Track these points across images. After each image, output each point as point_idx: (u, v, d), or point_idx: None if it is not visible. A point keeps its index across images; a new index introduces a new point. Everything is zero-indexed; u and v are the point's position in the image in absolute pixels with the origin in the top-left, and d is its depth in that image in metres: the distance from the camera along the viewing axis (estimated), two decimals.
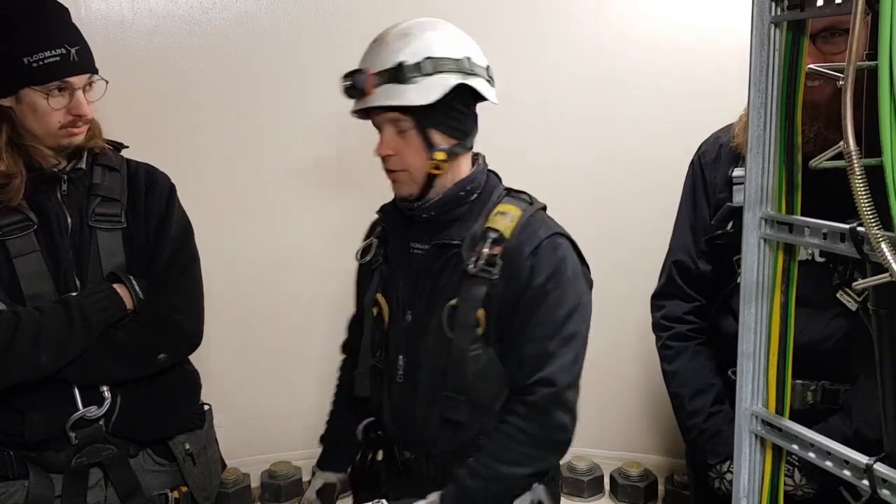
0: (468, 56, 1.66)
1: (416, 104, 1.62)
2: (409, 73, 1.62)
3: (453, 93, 1.63)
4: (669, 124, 2.58)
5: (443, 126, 1.68)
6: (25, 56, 1.69)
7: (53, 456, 1.79)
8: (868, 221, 0.87)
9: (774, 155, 1.10)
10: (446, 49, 1.65)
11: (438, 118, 1.67)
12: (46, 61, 1.70)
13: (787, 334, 1.17)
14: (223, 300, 2.52)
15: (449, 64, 1.63)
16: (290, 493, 2.65)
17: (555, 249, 1.68)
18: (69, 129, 1.77)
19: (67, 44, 1.74)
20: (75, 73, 1.75)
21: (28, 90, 1.72)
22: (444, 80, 1.62)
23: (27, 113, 1.74)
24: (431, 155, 1.68)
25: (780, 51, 1.07)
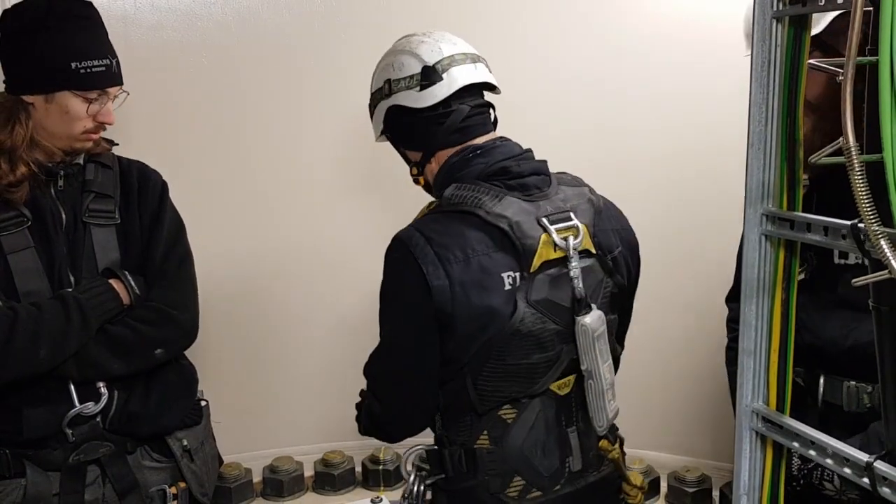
0: (389, 79, 1.79)
1: (377, 134, 1.88)
2: (370, 110, 1.87)
3: (394, 115, 1.79)
4: (674, 121, 2.57)
5: (404, 142, 1.85)
6: (73, 61, 1.74)
7: (50, 453, 1.79)
8: (867, 218, 0.86)
9: (776, 151, 1.09)
10: (377, 81, 1.83)
11: (398, 137, 1.85)
12: (93, 70, 1.77)
13: (788, 331, 1.17)
14: (223, 296, 2.52)
15: (376, 97, 1.83)
16: (292, 489, 2.65)
17: (389, 247, 1.69)
18: (89, 135, 1.82)
19: (110, 55, 1.82)
20: (115, 83, 1.83)
21: (66, 93, 1.76)
22: (379, 110, 1.82)
23: (55, 114, 1.78)
24: (411, 171, 1.85)
25: (781, 46, 1.06)
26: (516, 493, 1.69)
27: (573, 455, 1.73)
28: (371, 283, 2.45)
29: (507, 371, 1.64)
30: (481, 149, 1.73)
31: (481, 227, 1.62)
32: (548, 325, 1.64)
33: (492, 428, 1.68)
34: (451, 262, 1.59)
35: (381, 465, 2.68)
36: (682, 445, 2.73)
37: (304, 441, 2.77)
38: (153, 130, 2.34)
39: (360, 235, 2.70)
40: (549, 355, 1.66)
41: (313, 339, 2.74)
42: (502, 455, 1.68)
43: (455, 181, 1.69)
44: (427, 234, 1.62)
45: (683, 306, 2.67)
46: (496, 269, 1.61)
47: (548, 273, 1.64)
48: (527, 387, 1.67)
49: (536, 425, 1.69)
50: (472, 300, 1.59)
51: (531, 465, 1.69)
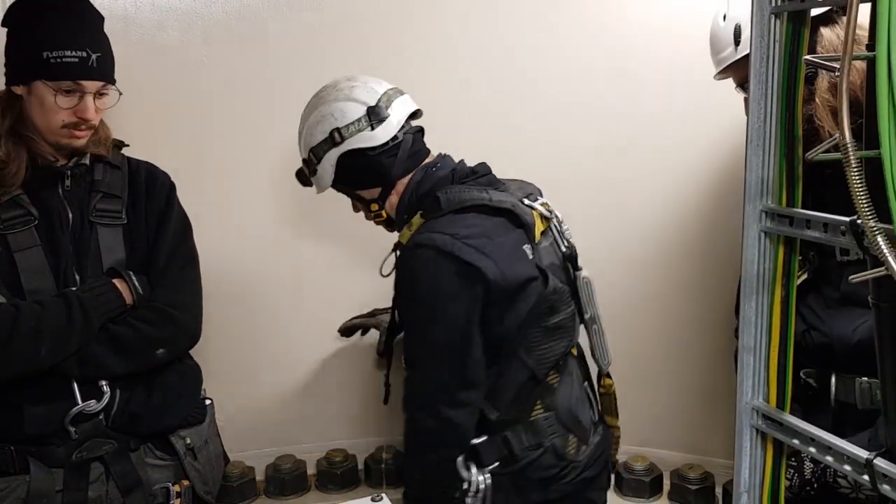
0: (335, 127, 1.86)
1: (327, 185, 1.94)
2: (311, 166, 1.93)
3: (346, 161, 1.87)
4: (677, 112, 2.57)
5: (359, 185, 1.94)
6: (45, 51, 1.73)
7: (54, 450, 1.80)
8: (864, 214, 0.86)
9: (775, 147, 1.09)
10: (318, 134, 1.89)
11: (352, 183, 1.94)
12: (64, 60, 1.74)
13: (788, 328, 1.16)
14: (228, 295, 2.52)
15: (323, 146, 1.88)
16: (295, 487, 2.65)
17: (408, 259, 1.79)
18: (71, 131, 1.80)
19: (90, 48, 1.78)
20: (90, 77, 1.79)
21: (40, 83, 1.75)
22: (328, 160, 1.89)
23: (35, 105, 1.77)
24: (369, 209, 1.95)
25: (780, 42, 1.06)
26: (573, 449, 1.87)
27: (593, 406, 1.99)
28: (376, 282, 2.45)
29: (549, 330, 1.81)
30: (436, 164, 1.91)
31: (491, 214, 1.79)
32: (560, 285, 1.84)
33: (543, 396, 1.85)
34: (485, 247, 1.73)
35: (383, 463, 2.68)
36: (685, 443, 2.72)
37: (306, 439, 2.76)
38: (153, 130, 2.33)
39: (366, 235, 2.69)
40: (570, 311, 1.88)
41: (317, 338, 2.73)
42: (557, 418, 1.85)
43: (433, 191, 1.85)
44: (447, 231, 1.74)
45: (686, 303, 2.66)
46: (518, 244, 1.80)
47: (545, 242, 1.89)
48: (567, 342, 1.87)
49: (573, 383, 1.91)
50: (513, 273, 1.75)
51: (578, 421, 1.89)
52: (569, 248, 1.93)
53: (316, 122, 1.90)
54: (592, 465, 1.91)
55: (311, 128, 1.91)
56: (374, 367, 2.73)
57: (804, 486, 1.73)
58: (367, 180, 1.92)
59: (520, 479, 1.84)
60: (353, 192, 1.97)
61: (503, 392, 1.80)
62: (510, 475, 1.83)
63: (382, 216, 1.96)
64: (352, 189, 1.96)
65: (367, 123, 1.86)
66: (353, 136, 1.86)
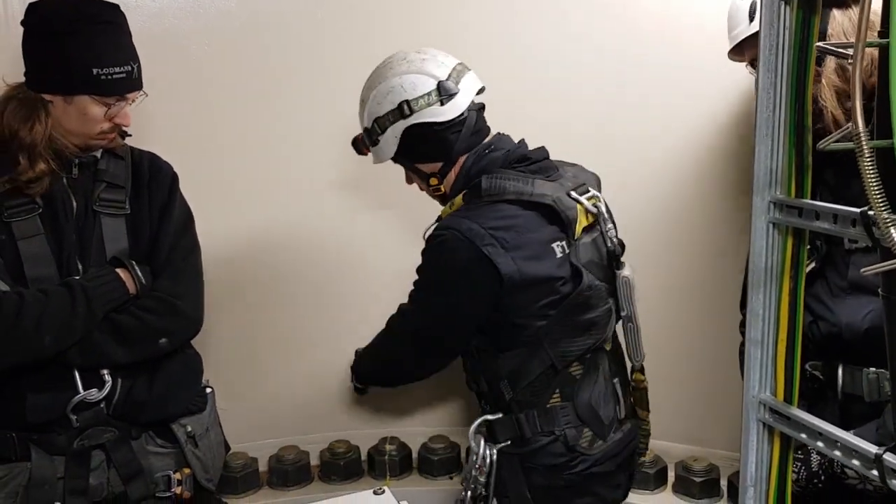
0: (405, 99, 1.85)
1: (387, 157, 1.95)
2: (373, 135, 1.93)
3: (412, 134, 1.88)
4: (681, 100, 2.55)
5: (422, 159, 1.94)
6: (95, 67, 1.75)
7: (55, 438, 1.81)
8: (877, 205, 0.84)
9: (784, 137, 1.07)
10: (386, 104, 1.88)
11: (414, 156, 1.94)
12: (114, 76, 1.78)
13: (796, 321, 1.15)
14: (230, 285, 2.52)
15: (390, 117, 1.88)
16: (298, 478, 2.65)
17: (434, 237, 1.86)
18: (105, 135, 1.84)
19: (132, 61, 1.82)
20: (135, 89, 1.85)
21: (86, 97, 1.78)
22: (393, 132, 1.89)
23: (73, 115, 1.79)
24: (428, 182, 1.96)
25: (790, 30, 1.04)
26: (587, 442, 1.89)
27: (620, 404, 1.98)
28: (376, 273, 2.45)
29: (579, 327, 1.84)
30: (490, 145, 1.92)
31: (527, 208, 1.81)
32: (600, 283, 1.87)
33: (563, 385, 1.87)
34: (507, 240, 1.76)
35: (386, 454, 2.68)
36: (690, 435, 2.71)
37: (309, 430, 2.77)
38: (154, 119, 2.32)
39: (368, 226, 2.70)
40: (606, 308, 1.90)
41: (320, 328, 2.73)
42: (574, 409, 1.87)
43: (483, 173, 1.86)
44: (476, 220, 1.78)
45: (691, 295, 2.65)
46: (549, 241, 1.81)
47: (587, 238, 1.88)
48: (596, 339, 1.89)
49: (599, 378, 1.92)
50: (535, 270, 1.78)
51: (597, 416, 1.89)
52: (613, 245, 1.93)
53: (385, 92, 1.88)
54: (606, 462, 1.92)
55: (379, 97, 1.89)
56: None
57: (811, 478, 1.71)
58: (430, 154, 1.92)
59: (528, 461, 1.90)
60: (413, 165, 1.97)
61: (522, 376, 1.86)
62: (519, 456, 1.90)
63: (441, 190, 1.96)
64: (412, 162, 1.97)
65: (437, 98, 1.86)
66: (423, 110, 1.86)
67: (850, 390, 1.71)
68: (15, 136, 1.76)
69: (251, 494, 2.62)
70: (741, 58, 1.98)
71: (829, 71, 1.62)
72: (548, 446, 1.88)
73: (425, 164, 1.95)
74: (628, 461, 2.03)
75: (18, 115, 1.77)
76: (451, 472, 2.68)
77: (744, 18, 1.90)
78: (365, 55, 2.07)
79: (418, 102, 1.85)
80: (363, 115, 1.96)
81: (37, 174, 1.76)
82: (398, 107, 1.86)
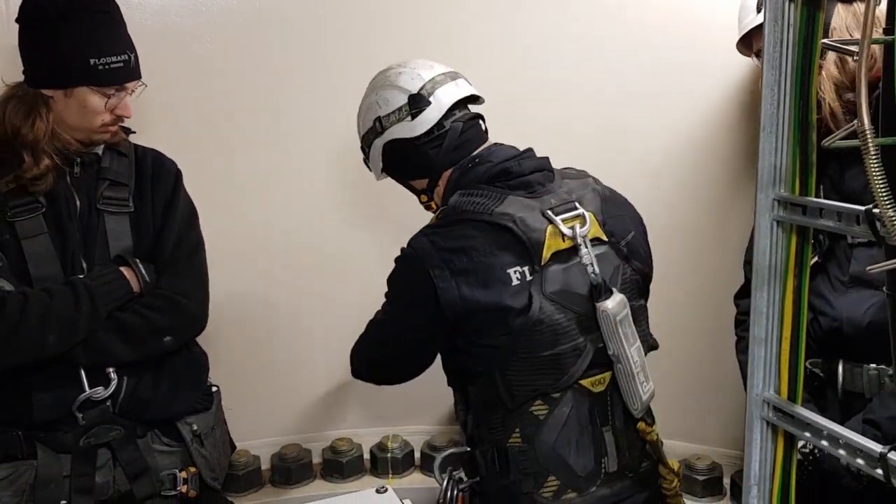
0: (378, 116, 1.83)
1: (380, 173, 1.93)
2: (365, 153, 1.94)
3: (390, 151, 1.85)
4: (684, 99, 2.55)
5: (408, 175, 1.91)
6: (92, 57, 1.75)
7: (61, 436, 1.81)
8: (882, 203, 0.84)
9: (788, 134, 1.07)
10: (365, 122, 1.88)
11: (400, 173, 1.92)
12: (111, 66, 1.78)
13: (800, 319, 1.14)
14: (234, 283, 2.52)
15: (370, 136, 1.87)
16: (301, 476, 2.65)
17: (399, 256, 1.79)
18: (108, 128, 1.84)
19: (129, 50, 1.83)
20: (133, 78, 1.85)
21: (85, 89, 1.78)
22: (375, 150, 1.88)
23: (73, 108, 1.79)
24: (420, 199, 1.92)
25: (794, 27, 1.04)
26: (550, 493, 1.69)
27: (608, 455, 1.73)
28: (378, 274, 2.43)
29: (534, 363, 1.66)
30: (478, 157, 1.80)
31: (486, 230, 1.67)
32: (568, 315, 1.66)
33: (524, 425, 1.69)
34: (456, 264, 1.65)
35: (389, 452, 2.67)
36: (693, 433, 2.71)
37: (312, 428, 2.76)
38: (157, 116, 2.32)
39: (369, 227, 2.69)
40: (575, 344, 1.67)
41: (322, 327, 2.73)
42: (535, 453, 1.68)
43: (458, 189, 1.77)
44: (433, 239, 1.70)
45: (694, 294, 2.64)
46: (502, 267, 1.65)
47: (560, 264, 1.67)
48: (556, 378, 1.67)
49: (569, 422, 1.69)
50: (478, 298, 1.64)
51: (565, 464, 1.69)
52: (597, 274, 1.67)
53: (365, 109, 1.89)
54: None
55: (362, 115, 1.90)
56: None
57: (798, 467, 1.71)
58: (412, 170, 1.88)
59: (489, 502, 1.78)
60: (404, 181, 1.94)
61: (481, 410, 1.75)
62: (481, 496, 1.80)
63: (432, 207, 1.90)
64: (402, 178, 1.94)
65: (407, 113, 1.80)
66: (394, 126, 1.82)
67: (850, 387, 1.71)
68: (17, 133, 1.76)
69: (253, 493, 2.62)
70: (748, 50, 1.99)
71: (829, 63, 1.62)
72: (506, 490, 1.71)
73: (414, 180, 1.90)
74: None
75: (19, 112, 1.77)
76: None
77: (752, 10, 1.90)
78: (366, 53, 2.08)
79: (389, 118, 1.82)
80: (358, 134, 1.97)
81: (41, 171, 1.77)
82: (373, 124, 1.84)
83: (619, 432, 1.75)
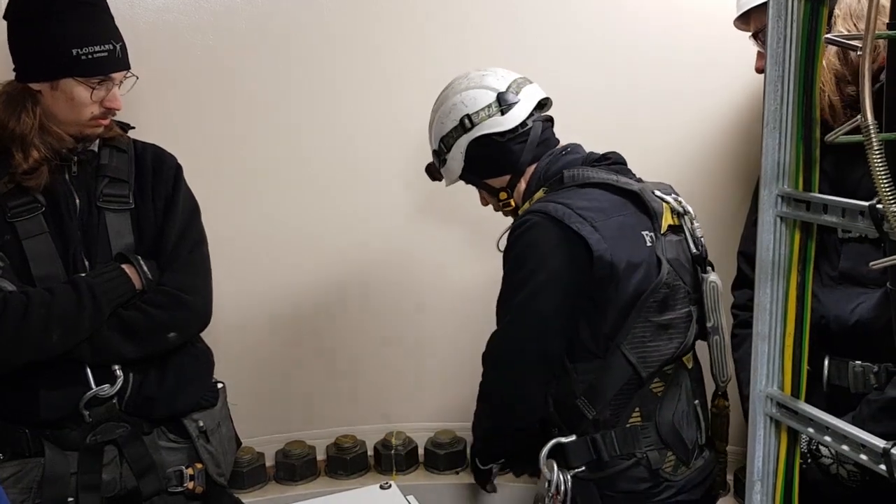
0: (466, 114, 1.87)
1: (457, 176, 1.96)
2: (441, 156, 1.95)
3: (476, 148, 1.89)
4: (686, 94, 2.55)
5: (489, 173, 1.93)
6: (75, 48, 1.74)
7: (68, 434, 1.81)
8: (886, 198, 0.83)
9: (792, 130, 1.06)
10: (448, 122, 1.90)
11: (481, 172, 1.94)
12: (95, 56, 1.76)
13: (804, 315, 1.14)
14: (238, 279, 2.52)
15: (453, 134, 1.90)
16: (305, 473, 2.65)
17: (519, 224, 1.76)
18: (98, 121, 1.82)
19: (114, 40, 1.80)
20: (119, 69, 1.82)
21: (70, 80, 1.76)
22: (458, 148, 1.90)
23: (61, 101, 1.78)
24: (498, 197, 1.94)
25: (798, 22, 1.03)
26: (671, 467, 1.77)
27: (701, 427, 1.84)
28: (382, 267, 2.44)
29: (660, 327, 1.73)
30: (566, 148, 1.89)
31: (614, 193, 1.75)
32: (682, 284, 1.77)
33: (643, 404, 1.75)
34: (596, 220, 1.68)
35: (393, 449, 2.68)
36: None
37: (316, 425, 2.77)
38: (160, 113, 2.33)
39: (371, 223, 2.69)
40: (686, 311, 1.78)
41: (328, 323, 2.73)
42: (656, 429, 1.75)
43: (559, 172, 1.82)
44: (562, 202, 1.71)
45: None
46: (637, 227, 1.74)
47: (673, 237, 1.79)
48: (678, 343, 1.76)
49: (681, 397, 1.80)
50: (624, 253, 1.69)
51: (680, 438, 1.77)
52: (699, 249, 1.82)
53: (447, 111, 1.91)
54: (690, 490, 1.79)
55: (443, 118, 1.93)
56: (384, 353, 2.73)
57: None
58: (496, 168, 1.92)
59: (606, 487, 1.76)
60: (481, 181, 1.96)
61: (602, 391, 1.73)
62: (597, 482, 1.77)
63: (511, 205, 1.94)
64: (480, 178, 1.96)
65: (497, 109, 1.87)
66: (483, 122, 1.87)
67: (836, 382, 1.71)
68: (5, 129, 1.76)
69: (258, 489, 2.62)
70: (746, 27, 1.98)
71: (830, 54, 1.61)
72: (628, 471, 1.74)
73: (493, 178, 1.94)
74: (709, 493, 1.87)
75: (7, 109, 1.78)
76: (457, 466, 2.68)
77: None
78: (368, 47, 2.07)
79: (479, 115, 1.87)
80: (431, 139, 1.99)
81: (31, 165, 1.76)
82: (460, 122, 1.88)
83: (704, 407, 1.87)
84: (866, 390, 1.66)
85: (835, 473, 1.66)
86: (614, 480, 1.75)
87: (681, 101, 2.56)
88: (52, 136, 1.79)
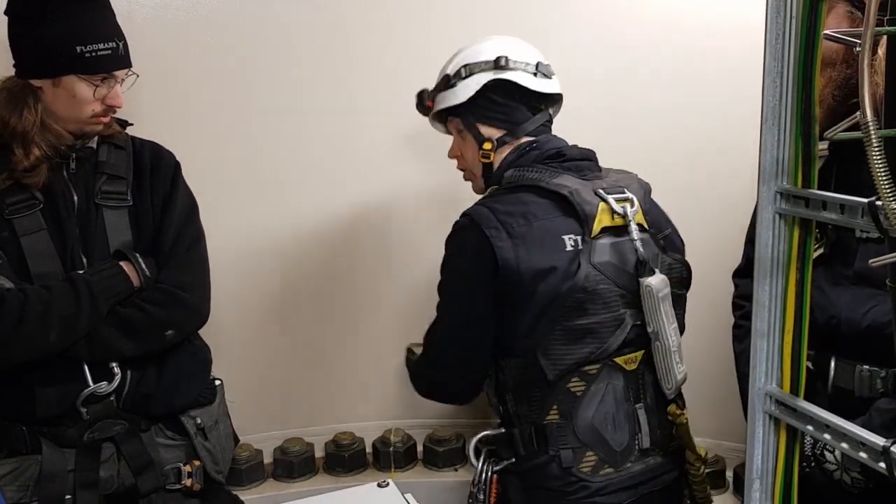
0: (506, 55, 1.87)
1: (454, 104, 1.90)
2: (452, 80, 1.91)
3: (494, 89, 1.87)
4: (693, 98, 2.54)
5: (488, 119, 1.91)
6: (78, 45, 1.74)
7: (65, 431, 1.81)
8: (885, 195, 0.83)
9: (790, 126, 1.06)
10: (483, 55, 1.89)
11: (482, 112, 1.90)
12: (99, 53, 1.76)
13: (803, 312, 1.14)
14: (236, 276, 2.52)
15: (482, 65, 1.88)
16: (303, 470, 2.65)
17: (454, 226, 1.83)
18: (99, 118, 1.82)
19: (117, 37, 1.81)
20: (122, 66, 1.83)
21: (73, 77, 1.76)
22: (477, 80, 1.87)
23: (63, 98, 1.78)
24: (480, 147, 1.91)
25: (796, 17, 1.03)
26: (589, 468, 1.75)
27: (641, 431, 1.80)
28: (381, 265, 2.43)
29: (574, 332, 1.72)
30: (536, 142, 1.89)
31: (543, 196, 1.77)
32: (611, 287, 1.74)
33: (561, 402, 1.75)
34: (514, 226, 1.72)
35: (391, 446, 2.68)
36: (696, 426, 2.69)
37: (314, 422, 2.77)
38: (159, 110, 2.32)
39: (370, 222, 2.69)
40: (615, 315, 1.75)
41: (326, 320, 2.73)
42: (573, 429, 1.75)
43: (513, 167, 1.85)
44: (490, 206, 1.77)
45: (698, 288, 2.63)
46: (558, 232, 1.74)
47: (608, 239, 1.77)
48: (596, 348, 1.74)
49: (605, 398, 1.77)
50: (534, 259, 1.71)
51: (602, 439, 1.76)
52: (643, 252, 1.77)
53: (486, 48, 1.91)
54: (612, 493, 1.76)
55: (477, 51, 1.91)
56: (382, 350, 2.73)
57: (801, 461, 1.71)
58: (499, 117, 1.91)
59: (527, 481, 1.80)
60: (474, 122, 1.93)
61: (522, 387, 1.78)
62: (518, 476, 1.81)
63: (489, 159, 1.91)
64: (476, 120, 1.93)
65: (534, 70, 1.90)
66: (518, 71, 1.88)
67: (841, 384, 1.69)
68: (6, 126, 1.76)
69: (256, 486, 2.62)
70: None
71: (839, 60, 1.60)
72: (544, 467, 1.76)
73: (488, 126, 1.92)
74: (656, 500, 1.84)
75: (8, 105, 1.77)
76: (456, 464, 2.68)
77: None
78: (369, 43, 2.07)
79: (517, 63, 1.88)
80: (448, 66, 1.95)
81: (32, 162, 1.76)
82: (496, 59, 1.88)
83: (651, 411, 1.82)
84: (872, 395, 1.64)
85: (838, 479, 1.64)
86: (532, 475, 1.79)
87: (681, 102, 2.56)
88: (52, 133, 1.79)
